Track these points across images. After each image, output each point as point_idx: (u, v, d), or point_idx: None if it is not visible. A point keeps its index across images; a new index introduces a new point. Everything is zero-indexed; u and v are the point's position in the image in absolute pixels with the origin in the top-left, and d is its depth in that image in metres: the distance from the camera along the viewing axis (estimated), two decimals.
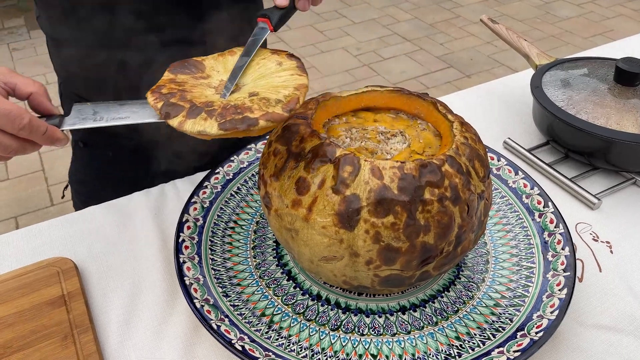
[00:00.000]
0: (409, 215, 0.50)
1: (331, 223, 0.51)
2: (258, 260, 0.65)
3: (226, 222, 0.69)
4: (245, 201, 0.73)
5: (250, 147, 0.79)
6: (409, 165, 0.51)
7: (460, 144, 0.55)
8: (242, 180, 0.75)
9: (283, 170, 0.54)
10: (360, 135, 0.60)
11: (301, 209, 0.52)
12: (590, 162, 0.79)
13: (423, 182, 0.50)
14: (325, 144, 0.53)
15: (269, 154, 0.58)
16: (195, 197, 0.70)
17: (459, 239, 0.54)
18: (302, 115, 0.58)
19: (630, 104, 0.76)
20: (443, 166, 0.52)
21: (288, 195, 0.53)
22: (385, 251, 0.51)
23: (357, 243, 0.51)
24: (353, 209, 0.50)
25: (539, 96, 0.80)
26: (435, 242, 0.52)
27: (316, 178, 0.52)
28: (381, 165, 0.51)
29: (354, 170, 0.51)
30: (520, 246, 0.65)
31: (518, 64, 2.78)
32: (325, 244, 0.52)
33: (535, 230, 0.66)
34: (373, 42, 3.06)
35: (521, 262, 0.63)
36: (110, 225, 0.72)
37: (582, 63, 0.88)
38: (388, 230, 0.50)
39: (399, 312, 0.59)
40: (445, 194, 0.51)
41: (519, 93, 0.99)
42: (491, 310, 0.59)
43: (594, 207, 0.74)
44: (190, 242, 0.65)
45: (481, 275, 0.63)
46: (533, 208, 0.69)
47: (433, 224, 0.51)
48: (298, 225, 0.53)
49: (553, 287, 0.59)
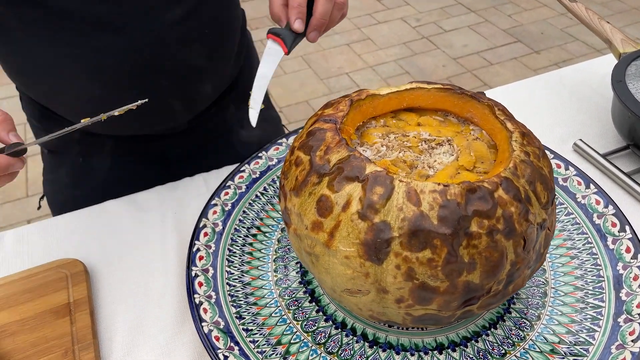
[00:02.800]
0: (449, 251, 0.41)
1: (355, 254, 0.43)
2: (279, 275, 0.58)
3: (248, 229, 0.63)
4: (271, 204, 0.66)
5: (280, 142, 0.71)
6: (454, 189, 0.42)
7: (520, 161, 0.45)
8: (270, 180, 0.68)
9: (304, 185, 0.46)
10: (399, 143, 0.51)
11: (322, 232, 0.45)
12: None
13: (470, 211, 0.41)
14: (354, 157, 0.44)
15: (290, 162, 0.50)
16: (215, 199, 0.64)
17: (510, 277, 0.45)
18: (331, 117, 0.50)
19: None
20: (496, 191, 0.42)
21: (308, 215, 0.46)
22: (420, 290, 0.43)
23: (386, 279, 0.43)
24: (382, 239, 0.42)
25: (621, 92, 0.67)
26: (482, 281, 0.43)
27: (340, 198, 0.44)
28: (419, 187, 0.42)
29: (385, 192, 0.42)
30: (587, 278, 0.55)
31: (596, 40, 2.53)
32: (349, 275, 0.44)
33: (607, 260, 0.56)
34: (434, 13, 2.87)
35: (587, 299, 0.53)
36: (127, 222, 0.67)
37: None
38: (424, 267, 0.42)
39: (434, 351, 0.51)
40: (496, 226, 0.42)
41: (597, 84, 0.85)
42: (546, 357, 0.49)
43: None
44: (206, 251, 0.58)
45: (536, 310, 0.54)
46: (606, 231, 0.58)
47: (480, 261, 0.42)
48: (318, 251, 0.46)
49: (625, 337, 0.48)
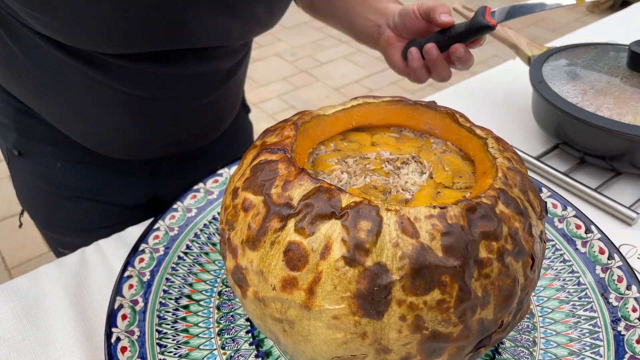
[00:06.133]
0: (461, 286, 0.33)
1: (347, 311, 0.34)
2: (229, 352, 0.46)
3: (177, 300, 0.50)
4: (199, 264, 0.54)
5: (197, 189, 0.60)
6: (453, 211, 0.34)
7: (507, 169, 0.39)
8: (192, 235, 0.56)
9: (262, 234, 0.36)
10: (361, 167, 0.43)
11: (297, 291, 0.35)
12: (612, 166, 0.66)
13: (476, 234, 0.34)
14: (323, 189, 0.35)
15: (235, 208, 0.39)
16: (129, 269, 0.50)
17: (520, 304, 0.38)
18: (278, 147, 0.40)
19: None
20: (497, 206, 0.36)
21: (274, 271, 0.35)
22: (430, 342, 0.34)
23: (388, 335, 0.34)
24: (380, 286, 0.33)
25: (545, 92, 0.66)
26: (495, 315, 0.36)
27: (316, 243, 0.34)
28: (412, 215, 0.34)
29: (373, 227, 0.33)
30: (569, 288, 0.51)
31: None
32: (339, 340, 0.35)
33: (582, 265, 0.52)
34: (308, 47, 2.90)
35: (576, 311, 0.49)
36: (9, 321, 0.51)
37: (579, 50, 0.75)
38: (433, 312, 0.33)
39: None
40: (505, 247, 0.35)
41: (505, 91, 0.86)
42: None
43: (633, 222, 0.61)
44: (129, 339, 0.45)
45: (529, 335, 0.48)
46: (572, 235, 0.54)
47: (493, 292, 0.35)
48: (293, 315, 0.35)
49: (633, 346, 0.44)
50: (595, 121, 0.61)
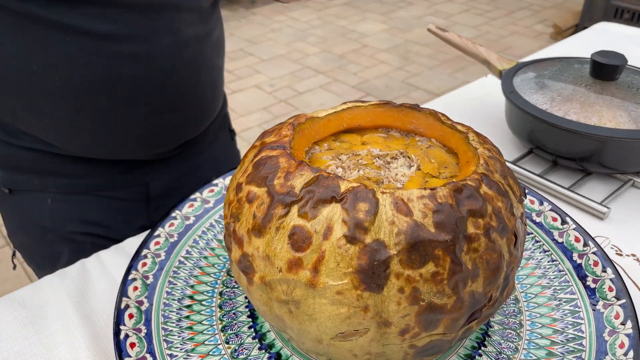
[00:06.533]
0: (453, 259, 0.37)
1: (350, 285, 0.36)
2: (233, 346, 0.48)
3: (180, 300, 0.52)
4: (199, 267, 0.56)
5: (194, 198, 0.62)
6: (442, 191, 0.38)
7: (487, 157, 0.43)
8: (192, 241, 0.59)
9: (267, 221, 0.39)
10: (354, 162, 0.46)
11: (303, 270, 0.37)
12: (583, 167, 0.70)
13: (464, 212, 0.37)
14: (323, 177, 0.39)
15: (239, 201, 0.42)
16: (133, 272, 0.52)
17: (506, 280, 0.41)
18: (277, 144, 0.44)
19: (617, 98, 0.69)
20: (481, 188, 0.39)
21: (280, 254, 0.38)
22: (426, 313, 0.37)
23: (388, 308, 0.37)
24: (379, 261, 0.36)
25: (517, 100, 0.71)
26: (485, 288, 0.39)
27: (319, 225, 0.37)
28: (405, 196, 0.37)
29: (371, 208, 0.37)
30: (550, 275, 0.54)
31: (434, 86, 2.82)
32: (343, 315, 0.37)
33: (561, 254, 0.56)
34: (286, 78, 2.97)
35: (557, 295, 0.52)
36: (14, 329, 0.52)
37: (545, 64, 0.81)
38: (428, 284, 0.36)
39: None
40: (491, 224, 0.38)
41: (480, 104, 0.91)
42: None
43: (604, 216, 0.65)
44: (137, 336, 0.46)
45: (515, 318, 0.51)
46: (550, 227, 0.58)
47: (482, 265, 0.38)
48: (299, 295, 0.38)
49: (612, 321, 0.47)
50: (564, 124, 0.66)
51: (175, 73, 0.64)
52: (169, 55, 0.62)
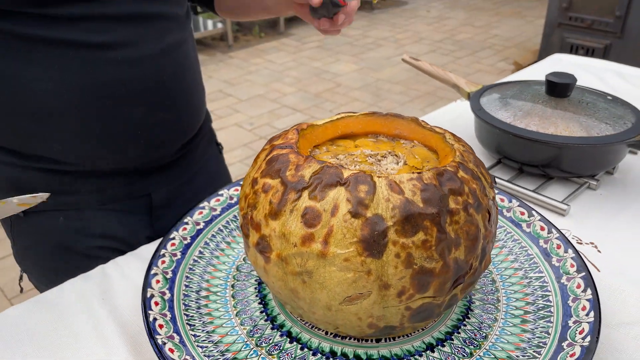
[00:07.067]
0: (439, 229, 0.44)
1: (355, 253, 0.44)
2: (248, 327, 0.54)
3: (197, 292, 0.58)
4: (211, 265, 0.62)
5: (203, 206, 0.69)
6: (427, 175, 0.46)
7: (462, 151, 0.52)
8: (203, 243, 0.65)
9: (282, 205, 0.46)
10: (350, 160, 0.54)
11: (315, 243, 0.44)
12: (545, 172, 0.80)
13: (446, 190, 0.46)
14: (327, 167, 0.46)
15: (255, 192, 0.49)
16: (154, 268, 0.58)
17: (483, 251, 0.49)
18: (285, 144, 0.51)
19: (569, 112, 0.79)
20: (458, 173, 0.48)
21: (294, 231, 0.45)
22: (419, 276, 0.45)
23: (388, 271, 0.44)
24: (379, 231, 0.43)
25: (486, 117, 0.81)
26: (466, 256, 0.47)
27: (327, 204, 0.45)
28: (397, 179, 0.45)
29: (370, 189, 0.44)
30: (521, 259, 0.62)
31: None
32: (350, 279, 0.44)
33: (529, 240, 0.64)
34: (265, 116, 3.07)
35: (528, 274, 0.60)
36: (43, 325, 0.57)
37: (507, 86, 0.92)
38: (420, 250, 0.44)
39: (427, 351, 0.52)
40: (468, 201, 0.47)
41: (450, 124, 1.01)
42: (521, 328, 0.53)
43: (565, 213, 0.74)
44: (164, 319, 0.52)
45: (493, 295, 0.58)
46: (518, 220, 0.67)
47: (462, 236, 0.46)
48: (312, 265, 0.45)
49: (574, 290, 0.55)
50: (526, 134, 0.76)
51: (164, 73, 0.72)
52: (157, 58, 0.71)
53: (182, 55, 0.75)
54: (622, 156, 0.79)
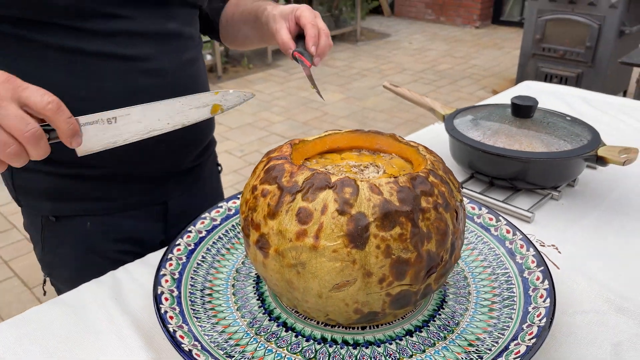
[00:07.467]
0: (413, 224, 0.52)
1: (342, 245, 0.51)
2: (248, 319, 0.61)
3: (201, 290, 0.65)
4: (214, 268, 0.69)
5: (204, 217, 0.76)
6: (402, 179, 0.54)
7: (434, 160, 0.60)
8: (205, 249, 0.72)
9: (279, 206, 0.54)
10: (337, 170, 0.62)
11: (307, 238, 0.52)
12: (513, 185, 0.89)
13: (418, 191, 0.54)
14: (318, 173, 0.54)
15: (255, 197, 0.57)
16: (163, 270, 0.65)
17: (453, 246, 0.57)
18: (280, 156, 0.59)
19: (532, 130, 0.89)
20: (429, 178, 0.56)
21: (290, 228, 0.53)
22: (397, 264, 0.52)
23: (370, 260, 0.52)
24: (362, 226, 0.51)
25: (459, 136, 0.90)
26: (437, 249, 0.54)
27: (318, 205, 0.52)
28: (377, 182, 0.53)
29: (354, 191, 0.52)
30: (489, 258, 0.70)
31: None
32: (338, 268, 0.52)
33: (496, 242, 0.72)
34: (254, 143, 3.16)
35: (495, 271, 0.68)
36: (62, 321, 0.63)
37: (478, 109, 1.01)
38: (397, 242, 0.52)
39: (406, 336, 0.59)
40: (438, 201, 0.55)
41: (427, 144, 1.09)
42: (489, 315, 0.61)
43: (530, 220, 0.82)
44: (173, 312, 0.59)
45: (465, 289, 0.66)
46: (487, 225, 0.75)
47: (433, 230, 0.54)
48: (305, 257, 0.52)
49: (534, 282, 0.63)
50: (494, 150, 0.85)
51: (183, 84, 0.81)
52: (176, 71, 0.80)
53: (196, 70, 0.85)
54: (580, 170, 0.88)
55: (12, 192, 0.85)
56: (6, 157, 0.52)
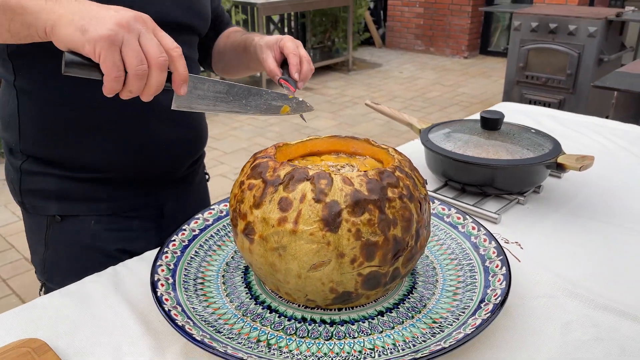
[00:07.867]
0: (380, 211, 0.60)
1: (317, 229, 0.58)
2: (236, 304, 0.68)
3: (194, 280, 0.72)
4: (205, 261, 0.76)
5: (198, 217, 0.83)
6: (371, 172, 0.62)
7: (401, 159, 0.68)
8: (198, 246, 0.79)
9: (263, 197, 0.61)
10: (316, 169, 0.70)
11: (287, 224, 0.59)
12: (482, 191, 0.97)
13: (385, 183, 0.61)
14: (297, 168, 0.62)
15: (242, 190, 0.64)
16: (159, 261, 0.72)
17: (417, 233, 0.64)
18: (265, 156, 0.67)
19: (499, 141, 0.97)
20: (395, 172, 0.64)
21: (272, 215, 0.60)
22: (366, 246, 0.59)
23: (342, 243, 0.59)
24: (335, 212, 0.58)
25: (433, 147, 0.98)
26: (403, 234, 0.62)
27: (297, 194, 0.60)
28: (349, 175, 0.61)
29: (328, 182, 0.60)
30: (456, 252, 0.77)
31: None
32: (314, 250, 0.59)
33: (463, 238, 0.79)
34: None
35: (461, 262, 0.75)
36: (68, 308, 0.69)
37: (452, 123, 1.10)
38: (366, 227, 0.59)
39: (378, 316, 0.65)
40: (402, 192, 0.62)
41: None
42: (453, 298, 0.68)
43: (497, 221, 0.90)
44: (168, 295, 0.66)
45: (433, 278, 0.73)
46: (455, 223, 0.82)
47: (399, 217, 0.61)
48: (285, 241, 0.60)
49: (494, 269, 0.70)
50: (462, 158, 0.93)
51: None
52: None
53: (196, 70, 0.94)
54: (544, 177, 0.96)
55: (17, 196, 0.91)
56: (136, 73, 0.59)
